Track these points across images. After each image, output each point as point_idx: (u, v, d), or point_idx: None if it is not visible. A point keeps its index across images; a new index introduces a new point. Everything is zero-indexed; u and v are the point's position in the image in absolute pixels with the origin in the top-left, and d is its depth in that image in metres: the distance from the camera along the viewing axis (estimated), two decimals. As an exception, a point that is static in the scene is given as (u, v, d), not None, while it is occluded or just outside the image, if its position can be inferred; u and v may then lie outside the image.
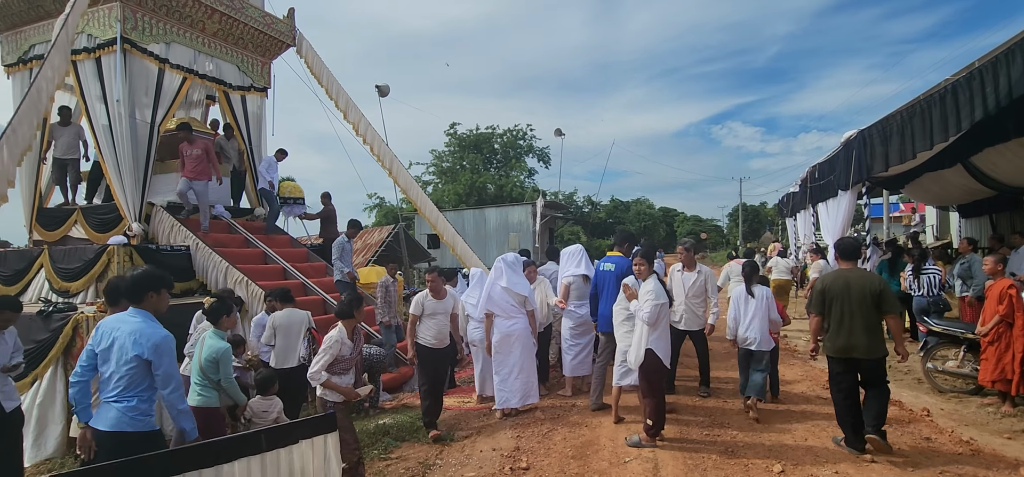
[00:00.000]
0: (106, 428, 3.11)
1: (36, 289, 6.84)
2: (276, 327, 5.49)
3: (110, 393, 3.13)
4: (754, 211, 51.41)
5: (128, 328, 3.12)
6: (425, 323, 5.29)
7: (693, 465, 4.24)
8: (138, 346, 3.08)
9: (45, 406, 5.35)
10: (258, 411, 4.50)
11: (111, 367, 3.11)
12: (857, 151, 7.49)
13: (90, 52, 7.58)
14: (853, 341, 4.15)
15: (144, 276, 3.29)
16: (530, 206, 24.99)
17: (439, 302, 5.34)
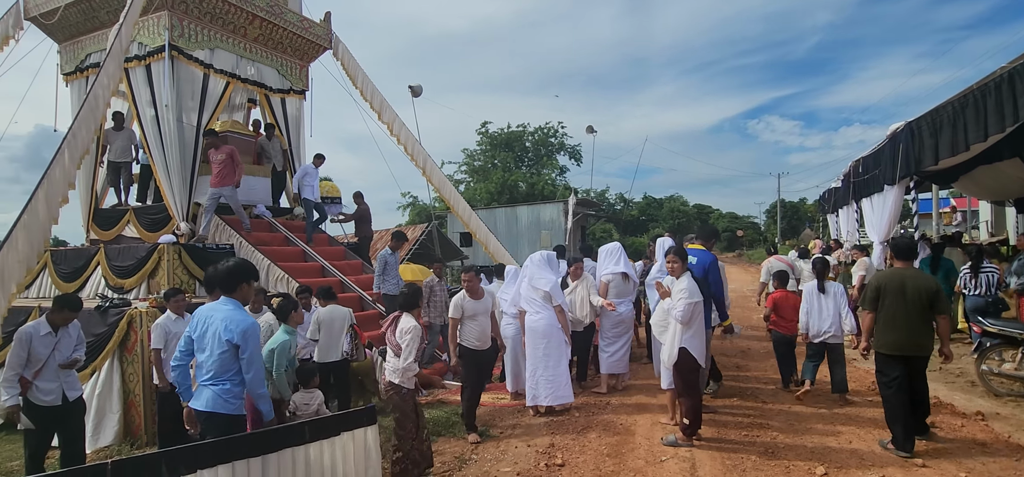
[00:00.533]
0: (202, 408, 3.33)
1: (93, 285, 7.20)
2: (320, 323, 5.63)
3: (205, 376, 3.34)
4: (793, 207, 49.92)
5: (220, 315, 3.32)
6: (466, 325, 5.17)
7: (731, 465, 4.17)
8: (228, 332, 3.27)
9: (103, 397, 5.65)
10: (300, 403, 4.65)
11: (206, 352, 3.33)
12: (904, 144, 7.20)
13: (140, 59, 7.94)
14: (906, 339, 4.22)
15: (236, 267, 3.49)
16: (562, 204, 24.90)
17: (478, 302, 5.23)
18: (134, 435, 5.60)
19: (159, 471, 2.70)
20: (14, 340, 4.22)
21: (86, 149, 5.64)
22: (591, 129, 22.82)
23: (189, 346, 3.45)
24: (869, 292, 4.48)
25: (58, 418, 4.36)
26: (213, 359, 3.30)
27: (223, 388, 3.29)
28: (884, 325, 4.29)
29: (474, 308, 5.18)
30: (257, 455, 3.02)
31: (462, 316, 5.16)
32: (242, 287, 3.45)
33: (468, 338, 5.18)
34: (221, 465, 2.88)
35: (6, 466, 5.08)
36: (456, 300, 5.21)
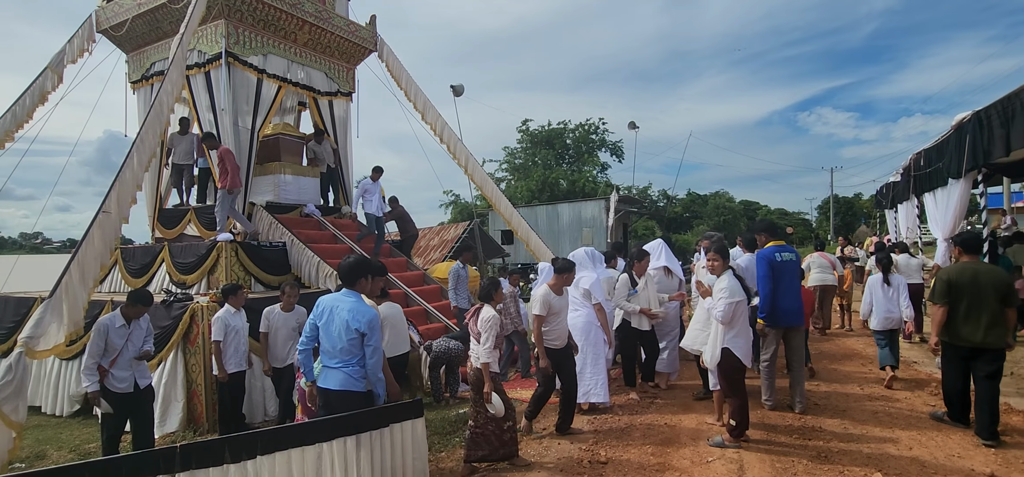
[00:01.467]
0: (335, 387, 3.62)
1: (159, 281, 7.65)
2: (383, 320, 5.74)
3: (334, 360, 3.64)
4: (847, 203, 47.74)
5: (346, 306, 3.65)
6: (549, 322, 4.84)
7: (781, 468, 4.06)
8: (356, 321, 3.59)
9: (169, 385, 6.01)
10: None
11: (334, 338, 3.63)
12: (971, 134, 6.78)
13: (200, 67, 8.37)
14: (980, 332, 4.35)
15: (356, 264, 3.82)
16: (603, 201, 24.67)
17: (562, 298, 4.97)
18: (197, 422, 5.93)
19: (222, 456, 2.87)
20: (93, 331, 4.54)
21: (153, 152, 5.98)
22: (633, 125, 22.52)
23: (314, 332, 3.75)
24: (939, 285, 4.56)
25: (131, 404, 4.67)
26: (341, 345, 3.61)
27: (352, 370, 3.62)
28: (959, 319, 4.43)
29: (559, 304, 4.92)
30: (311, 444, 3.16)
31: (548, 313, 4.85)
32: (361, 281, 3.78)
33: (550, 337, 4.89)
34: (278, 452, 3.03)
35: (83, 448, 5.47)
36: (542, 296, 4.86)
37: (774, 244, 5.36)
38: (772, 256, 5.23)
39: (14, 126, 8.53)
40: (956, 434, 4.59)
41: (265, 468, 2.95)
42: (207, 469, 2.80)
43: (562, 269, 4.97)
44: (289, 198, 9.27)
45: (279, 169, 9.24)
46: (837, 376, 6.65)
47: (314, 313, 3.74)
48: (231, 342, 5.33)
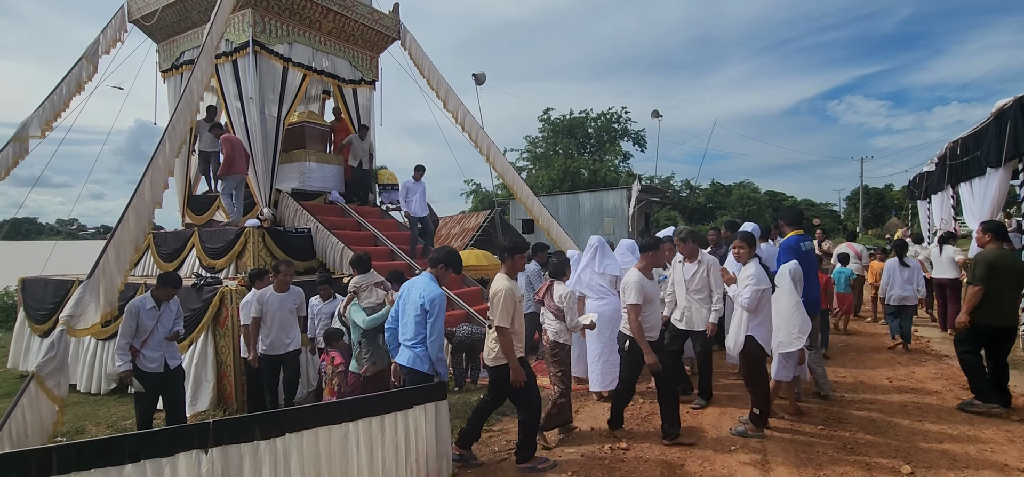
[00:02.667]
0: (404, 364, 3.91)
1: (189, 265, 7.86)
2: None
3: (405, 338, 3.93)
4: (877, 194, 46.44)
5: (419, 285, 3.96)
6: (644, 311, 4.40)
7: (806, 459, 4.01)
8: (421, 298, 3.86)
9: (199, 366, 6.19)
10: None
11: (407, 317, 3.95)
12: (1013, 121, 6.55)
13: (228, 56, 8.50)
14: (1008, 313, 4.85)
15: (437, 254, 4.15)
16: (625, 190, 24.46)
17: (654, 284, 4.55)
18: (226, 402, 6.10)
19: (253, 432, 2.95)
20: (125, 312, 4.70)
21: (183, 139, 6.13)
22: (656, 114, 22.26)
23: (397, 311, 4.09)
24: (980, 268, 4.80)
25: (162, 383, 4.83)
26: (411, 323, 3.88)
27: (419, 350, 3.85)
28: (991, 300, 4.74)
29: (652, 290, 4.48)
30: (337, 423, 3.23)
31: (643, 301, 4.33)
32: (439, 267, 4.05)
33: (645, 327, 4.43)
34: (306, 430, 3.10)
35: (120, 424, 5.68)
36: (636, 281, 4.33)
37: (795, 233, 5.31)
38: (797, 245, 5.19)
39: (53, 114, 8.81)
40: (988, 428, 4.48)
41: (294, 445, 3.03)
42: (239, 445, 2.89)
43: (649, 247, 4.58)
44: (314, 185, 9.41)
45: (304, 156, 9.37)
46: (866, 365, 6.53)
47: (399, 296, 4.11)
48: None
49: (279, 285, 5.43)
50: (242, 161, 8.03)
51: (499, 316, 3.91)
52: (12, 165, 8.55)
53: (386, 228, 9.56)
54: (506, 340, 3.91)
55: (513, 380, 3.93)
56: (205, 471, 2.80)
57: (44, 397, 3.86)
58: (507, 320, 3.89)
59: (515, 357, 3.95)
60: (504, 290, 3.97)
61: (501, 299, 3.92)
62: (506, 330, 3.90)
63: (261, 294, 5.34)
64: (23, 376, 7.98)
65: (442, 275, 4.06)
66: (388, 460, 3.34)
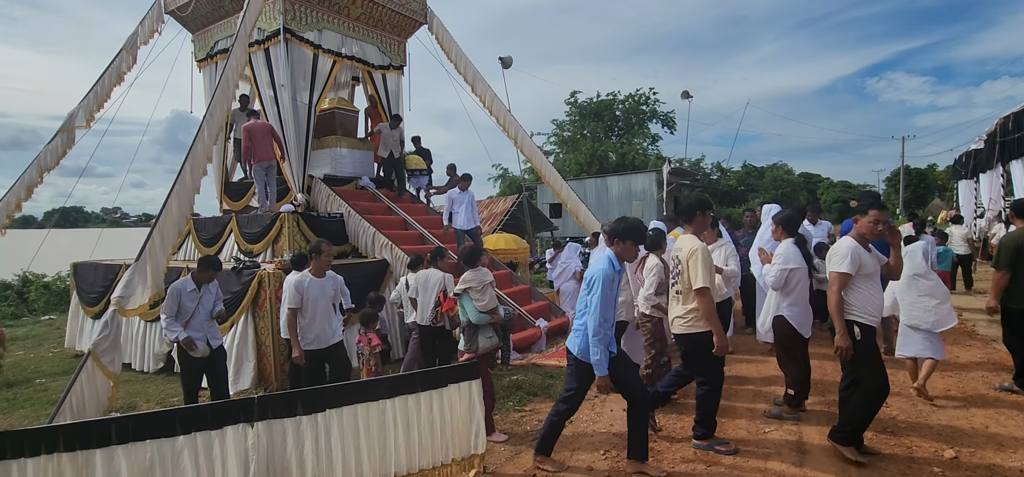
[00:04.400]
0: (572, 351, 3.65)
1: (228, 250, 8.12)
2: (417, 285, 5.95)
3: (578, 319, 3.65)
4: (919, 175, 44.62)
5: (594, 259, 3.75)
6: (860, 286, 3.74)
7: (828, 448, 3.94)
8: (589, 271, 3.63)
9: (240, 347, 6.41)
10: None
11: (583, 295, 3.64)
12: (1069, 94, 6.20)
13: (260, 44, 8.68)
14: None
15: (615, 226, 3.66)
16: (654, 174, 24.16)
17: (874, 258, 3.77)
18: (266, 382, 6.31)
19: (296, 408, 3.06)
20: (167, 294, 4.89)
21: (220, 127, 6.31)
22: (686, 95, 21.81)
23: None
24: (1005, 253, 4.68)
25: (205, 362, 5.02)
26: (581, 298, 3.61)
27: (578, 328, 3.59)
28: (1017, 284, 4.62)
29: (871, 264, 3.69)
30: (375, 400, 3.32)
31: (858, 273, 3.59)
32: (615, 242, 3.59)
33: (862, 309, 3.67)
34: (346, 407, 3.20)
35: (168, 401, 5.95)
36: (851, 249, 3.60)
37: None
38: None
39: (95, 106, 9.15)
40: (1038, 414, 4.32)
41: (334, 421, 3.13)
42: (282, 419, 3.00)
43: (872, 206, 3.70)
44: (345, 171, 9.57)
45: (335, 143, 9.53)
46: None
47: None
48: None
49: (318, 269, 4.88)
50: (265, 147, 8.11)
51: (700, 276, 3.57)
52: (61, 155, 8.93)
53: (415, 212, 9.67)
54: (709, 303, 3.60)
55: (718, 347, 3.65)
56: (251, 443, 2.91)
57: (100, 374, 4.07)
58: (710, 279, 3.58)
59: (718, 322, 3.67)
60: (700, 248, 3.66)
61: (699, 258, 3.61)
62: (708, 291, 3.60)
63: (299, 281, 4.76)
64: (77, 356, 8.42)
65: (626, 251, 3.59)
66: (424, 436, 3.42)
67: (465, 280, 4.63)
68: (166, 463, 2.71)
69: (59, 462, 2.54)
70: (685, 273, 3.74)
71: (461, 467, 3.55)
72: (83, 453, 2.58)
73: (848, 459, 3.61)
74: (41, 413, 5.75)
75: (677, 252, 3.88)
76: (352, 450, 3.16)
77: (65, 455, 2.55)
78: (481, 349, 4.47)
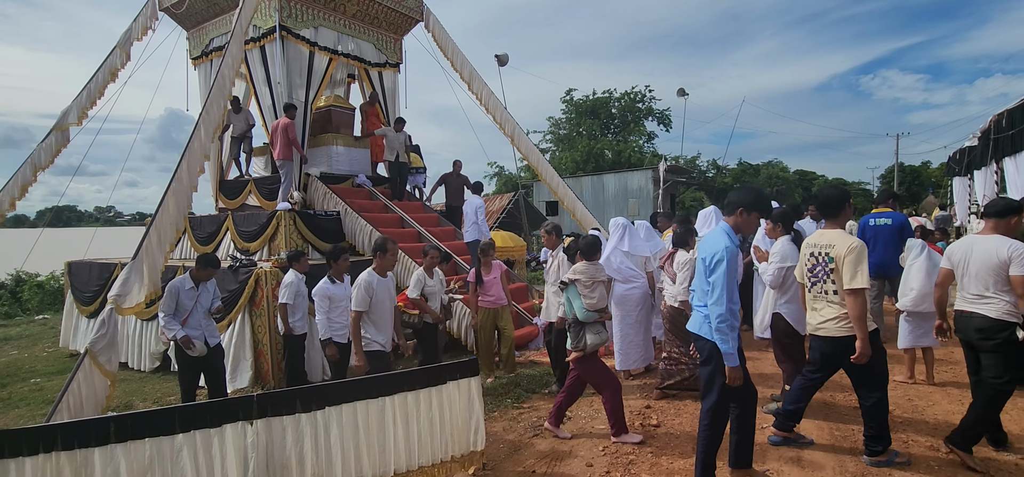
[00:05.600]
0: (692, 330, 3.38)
1: (224, 248, 8.09)
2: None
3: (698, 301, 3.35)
4: (913, 172, 44.90)
5: (709, 238, 3.29)
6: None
7: (841, 436, 3.98)
8: (703, 250, 3.24)
9: (238, 346, 6.39)
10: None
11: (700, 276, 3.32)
12: (1063, 91, 6.25)
13: (255, 41, 8.63)
14: None
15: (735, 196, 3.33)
16: (651, 171, 24.20)
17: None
18: (264, 380, 6.30)
19: (295, 405, 3.05)
20: (165, 292, 4.87)
21: (217, 124, 6.27)
22: (682, 92, 21.86)
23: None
24: None
25: (203, 361, 5.00)
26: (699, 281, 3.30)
27: (704, 313, 3.24)
28: None
29: None
30: (375, 398, 3.31)
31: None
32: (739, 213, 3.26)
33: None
34: (345, 404, 3.19)
35: (165, 399, 5.93)
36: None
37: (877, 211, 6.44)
38: (868, 220, 6.31)
39: (89, 103, 9.08)
40: (1033, 408, 4.36)
41: (333, 418, 3.12)
42: (281, 417, 2.99)
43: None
44: (342, 169, 9.54)
45: (332, 140, 9.50)
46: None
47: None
48: (300, 306, 5.57)
49: (382, 267, 4.50)
50: (281, 146, 8.05)
51: (858, 276, 3.26)
52: (56, 153, 8.87)
53: (412, 210, 9.65)
54: (861, 305, 3.28)
55: (860, 353, 3.29)
56: (250, 441, 2.91)
57: (97, 372, 4.05)
58: (866, 280, 3.27)
59: (866, 327, 3.31)
60: (858, 244, 3.33)
61: (856, 253, 3.30)
62: (863, 293, 3.28)
63: (368, 282, 4.35)
64: (72, 355, 8.38)
65: (749, 223, 3.27)
66: (423, 433, 3.42)
67: (576, 271, 4.32)
68: (165, 461, 2.70)
69: (58, 461, 2.53)
70: (840, 271, 3.37)
71: (461, 464, 3.56)
72: (82, 452, 2.57)
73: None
74: (37, 413, 5.72)
75: (827, 249, 3.47)
76: (352, 447, 3.16)
77: (63, 454, 2.54)
78: (590, 347, 4.12)
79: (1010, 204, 3.65)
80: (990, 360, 3.48)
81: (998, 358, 3.43)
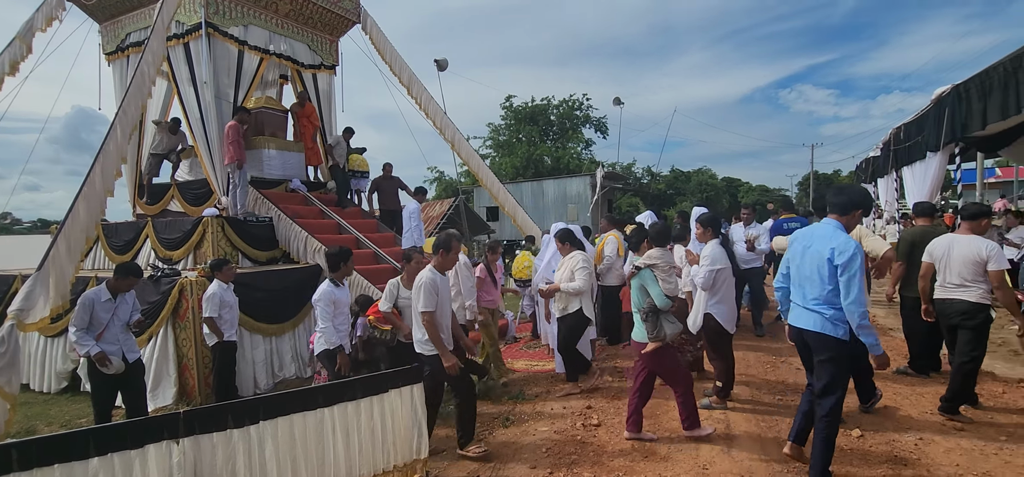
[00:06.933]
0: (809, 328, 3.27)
1: (144, 256, 7.54)
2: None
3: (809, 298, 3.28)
4: (826, 179, 48.56)
5: (820, 235, 3.27)
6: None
7: (767, 426, 4.23)
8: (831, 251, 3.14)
9: (160, 361, 5.95)
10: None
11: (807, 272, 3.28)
12: (950, 108, 6.95)
13: (179, 38, 8.13)
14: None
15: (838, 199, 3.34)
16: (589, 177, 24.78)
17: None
18: (189, 396, 5.91)
19: (226, 421, 2.89)
20: (78, 304, 4.48)
21: (135, 125, 5.88)
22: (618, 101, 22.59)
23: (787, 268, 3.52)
24: (902, 245, 5.29)
25: (120, 378, 4.64)
26: (814, 280, 3.23)
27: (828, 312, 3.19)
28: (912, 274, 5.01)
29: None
30: (312, 409, 3.20)
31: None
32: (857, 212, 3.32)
33: None
34: (281, 417, 3.06)
35: (74, 422, 5.44)
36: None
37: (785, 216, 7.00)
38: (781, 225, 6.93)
39: (-16, 99, 8.24)
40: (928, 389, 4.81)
41: (268, 433, 2.99)
42: (211, 434, 2.83)
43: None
44: (274, 173, 9.14)
45: (263, 143, 9.09)
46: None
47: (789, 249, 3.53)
48: (226, 317, 5.30)
49: (443, 264, 4.26)
50: (232, 150, 7.60)
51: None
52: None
53: (350, 216, 9.40)
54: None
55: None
56: (176, 462, 2.73)
57: (-6, 395, 3.67)
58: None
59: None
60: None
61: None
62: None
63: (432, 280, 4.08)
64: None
65: (851, 222, 3.30)
66: (364, 444, 3.34)
67: (651, 256, 4.20)
68: (78, 489, 2.49)
69: (-51, 495, 2.28)
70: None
71: (403, 473, 3.50)
72: (-22, 483, 2.33)
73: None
74: (-81, 444, 5.10)
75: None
76: (289, 462, 3.04)
77: (-44, 487, 2.29)
78: (668, 336, 3.96)
79: (981, 208, 4.50)
80: (967, 337, 4.21)
81: (974, 335, 4.18)
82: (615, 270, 6.81)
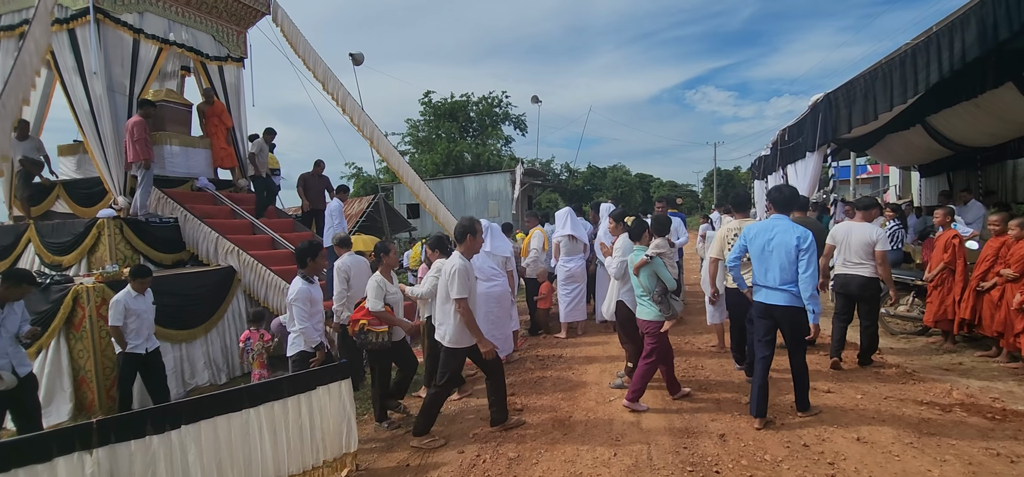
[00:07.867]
0: (779, 303, 4.03)
1: (26, 262, 6.85)
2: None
3: (774, 280, 4.03)
4: (728, 175, 52.49)
5: (782, 228, 4.05)
6: None
7: (675, 405, 4.67)
8: (797, 238, 3.94)
9: (52, 375, 5.46)
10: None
11: (771, 260, 4.05)
12: (823, 113, 7.89)
13: (62, 23, 7.40)
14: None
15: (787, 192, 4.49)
16: (509, 174, 25.16)
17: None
18: (88, 411, 5.49)
19: (143, 428, 2.82)
20: (-43, 317, 4.07)
21: (15, 120, 5.36)
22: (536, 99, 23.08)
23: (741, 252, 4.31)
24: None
25: (10, 395, 4.26)
26: (782, 265, 3.98)
27: (794, 289, 3.95)
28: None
29: None
30: (237, 411, 3.17)
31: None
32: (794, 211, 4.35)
33: None
34: (204, 421, 3.02)
35: (-50, 448, 4.89)
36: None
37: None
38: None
39: None
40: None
41: (191, 437, 2.94)
42: (128, 443, 2.75)
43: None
44: (177, 171, 8.60)
45: (165, 139, 8.52)
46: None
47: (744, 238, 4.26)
48: (132, 325, 4.95)
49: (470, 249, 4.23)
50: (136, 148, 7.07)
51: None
52: None
53: (264, 215, 9.04)
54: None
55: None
56: (90, 473, 2.63)
57: None
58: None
59: None
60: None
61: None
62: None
63: (466, 267, 4.03)
64: None
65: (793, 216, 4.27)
66: (293, 442, 3.35)
67: (657, 246, 4.58)
68: (-21, 509, 2.35)
69: None
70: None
71: (333, 468, 3.54)
72: None
73: None
74: None
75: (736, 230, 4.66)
76: (214, 465, 3.01)
77: None
78: (678, 314, 4.60)
79: (872, 201, 5.69)
80: (866, 307, 5.24)
81: (871, 306, 5.25)
82: (539, 263, 7.18)
